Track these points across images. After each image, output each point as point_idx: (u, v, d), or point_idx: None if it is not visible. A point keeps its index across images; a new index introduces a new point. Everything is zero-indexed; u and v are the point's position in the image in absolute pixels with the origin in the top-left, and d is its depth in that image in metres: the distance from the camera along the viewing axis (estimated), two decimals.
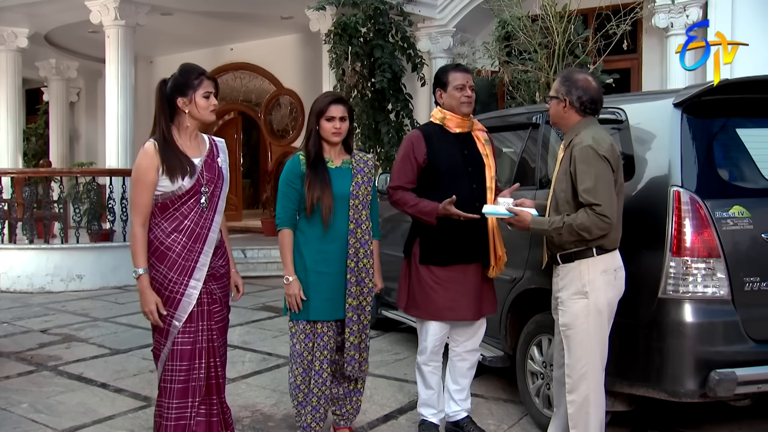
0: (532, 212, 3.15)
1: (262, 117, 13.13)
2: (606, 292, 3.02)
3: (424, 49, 9.88)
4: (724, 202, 3.19)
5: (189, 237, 3.05)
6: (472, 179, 3.51)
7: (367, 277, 3.41)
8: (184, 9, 10.32)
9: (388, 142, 8.62)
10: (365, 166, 3.50)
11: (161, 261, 3.03)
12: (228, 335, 3.34)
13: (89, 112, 15.14)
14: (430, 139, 3.53)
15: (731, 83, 3.33)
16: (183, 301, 3.04)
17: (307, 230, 3.41)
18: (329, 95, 3.48)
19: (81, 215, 9.14)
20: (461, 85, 3.51)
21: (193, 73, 3.06)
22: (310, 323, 3.40)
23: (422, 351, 3.64)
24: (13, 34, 11.22)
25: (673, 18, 7.95)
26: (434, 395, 3.68)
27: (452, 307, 3.49)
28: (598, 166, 2.93)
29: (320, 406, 3.42)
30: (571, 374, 3.06)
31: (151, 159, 3.00)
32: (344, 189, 3.40)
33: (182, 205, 3.05)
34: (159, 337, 3.11)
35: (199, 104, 3.06)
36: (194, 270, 3.06)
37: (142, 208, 3.02)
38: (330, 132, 3.39)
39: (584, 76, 3.14)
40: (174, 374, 3.07)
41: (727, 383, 3.00)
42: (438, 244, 3.50)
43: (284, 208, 3.42)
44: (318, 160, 3.41)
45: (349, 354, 3.41)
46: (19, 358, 5.44)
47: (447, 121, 3.56)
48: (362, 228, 3.41)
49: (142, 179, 3.01)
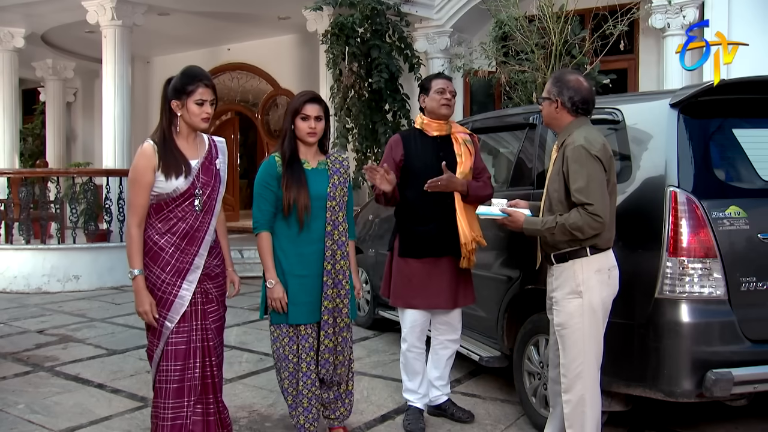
0: (525, 213, 3.16)
1: (259, 117, 13.12)
2: (600, 291, 3.02)
3: (421, 49, 9.88)
4: (721, 203, 3.19)
5: (182, 238, 3.05)
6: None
7: (344, 279, 3.39)
8: (181, 9, 10.31)
9: (385, 142, 8.60)
10: (341, 167, 3.48)
11: (154, 261, 3.03)
12: (225, 336, 3.34)
13: (86, 113, 15.13)
14: (408, 142, 3.83)
15: (729, 83, 3.34)
16: (175, 303, 3.04)
17: (283, 232, 3.37)
18: (305, 94, 3.44)
19: (78, 215, 9.12)
20: (441, 89, 3.80)
21: (190, 78, 3.04)
22: (293, 326, 3.38)
23: (404, 338, 3.89)
24: (10, 34, 11.21)
25: (670, 18, 7.96)
26: (417, 380, 3.91)
27: (425, 295, 3.77)
28: (590, 165, 2.94)
29: (312, 407, 3.40)
30: (567, 374, 3.06)
31: (148, 159, 3.00)
32: (321, 190, 3.38)
33: (177, 207, 3.05)
34: (152, 337, 3.11)
35: (191, 110, 3.04)
36: (188, 272, 3.06)
37: (139, 209, 3.01)
38: (305, 132, 3.36)
39: (576, 76, 3.15)
40: (169, 374, 3.06)
41: (723, 383, 3.01)
42: (413, 238, 3.78)
43: (261, 211, 3.36)
44: (294, 160, 3.37)
45: (323, 357, 3.37)
46: (16, 359, 5.43)
47: (425, 126, 3.85)
48: (339, 230, 3.39)
49: (139, 180, 3.00)
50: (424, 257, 3.76)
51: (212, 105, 3.09)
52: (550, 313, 3.19)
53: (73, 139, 15.14)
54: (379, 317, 6.01)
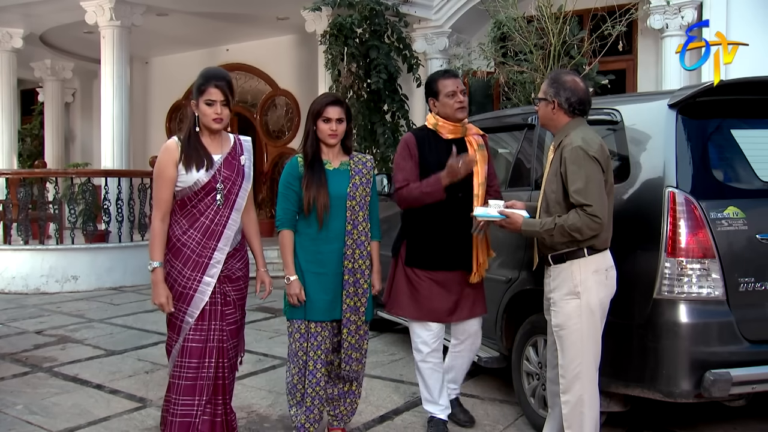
0: (523, 214, 3.16)
1: (258, 118, 13.10)
2: (598, 291, 3.02)
3: (420, 50, 9.88)
4: (719, 203, 3.19)
5: (203, 234, 3.12)
6: (459, 186, 3.52)
7: (362, 278, 3.41)
8: (180, 10, 10.30)
9: (384, 143, 8.62)
10: (364, 168, 3.50)
11: (176, 257, 3.11)
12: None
13: (84, 113, 15.10)
14: (422, 143, 3.62)
15: (728, 84, 3.34)
16: (196, 297, 3.11)
17: (304, 231, 3.42)
18: (326, 96, 3.48)
19: (76, 216, 9.11)
20: (452, 91, 3.57)
21: (203, 78, 3.14)
22: (305, 323, 3.41)
23: (416, 349, 3.70)
24: (8, 35, 11.20)
25: (668, 19, 7.97)
26: (437, 392, 3.71)
27: (432, 309, 3.60)
28: (588, 166, 2.94)
29: (314, 407, 3.41)
30: (565, 374, 3.06)
31: (170, 154, 3.11)
32: (341, 190, 3.40)
33: (199, 201, 3.13)
34: (171, 333, 3.18)
35: (202, 110, 3.13)
36: (207, 266, 3.13)
37: (162, 203, 3.11)
38: (327, 134, 3.40)
39: (572, 77, 3.15)
40: (183, 371, 3.12)
41: (721, 384, 3.01)
42: (424, 249, 3.61)
43: (283, 210, 3.43)
44: (315, 161, 3.42)
45: (347, 353, 3.43)
46: (14, 360, 5.43)
47: (440, 128, 3.65)
48: (359, 229, 3.41)
49: (162, 175, 3.11)
50: (434, 269, 3.60)
51: (224, 106, 3.13)
52: (548, 314, 3.19)
53: (71, 139, 15.12)
54: (378, 318, 6.00)
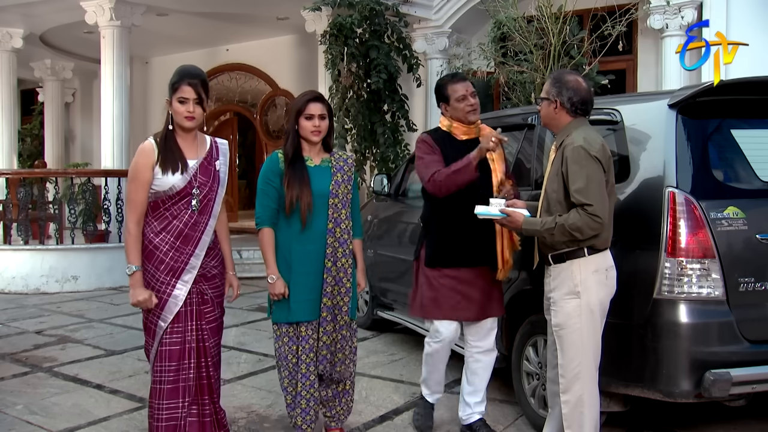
0: (524, 213, 3.15)
1: (258, 118, 13.11)
2: (598, 291, 3.02)
3: (420, 49, 9.88)
4: (719, 203, 3.19)
5: (177, 237, 3.05)
6: (479, 185, 3.50)
7: (345, 277, 3.39)
8: (180, 10, 10.30)
9: (383, 143, 8.62)
10: (345, 165, 3.48)
11: (149, 259, 3.05)
12: (223, 336, 3.34)
13: (84, 113, 15.10)
14: (439, 142, 3.62)
15: (728, 84, 3.34)
16: (169, 302, 3.05)
17: (286, 230, 3.38)
18: (308, 93, 3.45)
19: (76, 216, 9.11)
20: (462, 96, 3.59)
21: (177, 75, 3.06)
22: (293, 326, 3.38)
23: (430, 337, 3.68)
24: (8, 35, 11.19)
25: (668, 19, 7.97)
26: (434, 376, 3.77)
27: (456, 307, 3.57)
28: (589, 166, 2.94)
29: (309, 408, 3.39)
30: (565, 374, 3.06)
31: (147, 156, 3.03)
32: (324, 187, 3.38)
33: (173, 205, 3.06)
34: (147, 337, 3.12)
35: (175, 108, 3.06)
36: (183, 271, 3.07)
37: (137, 206, 3.03)
38: (309, 131, 3.37)
39: (574, 77, 3.15)
40: (163, 375, 3.07)
41: (721, 384, 3.01)
42: (446, 246, 3.58)
43: (263, 207, 3.38)
44: (297, 157, 3.39)
45: (321, 353, 3.38)
46: (14, 360, 5.43)
47: (454, 129, 3.66)
48: (341, 227, 3.39)
49: (138, 177, 3.03)
50: (457, 266, 3.58)
51: (197, 104, 3.04)
52: (548, 314, 3.19)
53: (71, 139, 15.12)
54: (377, 318, 6.01)
